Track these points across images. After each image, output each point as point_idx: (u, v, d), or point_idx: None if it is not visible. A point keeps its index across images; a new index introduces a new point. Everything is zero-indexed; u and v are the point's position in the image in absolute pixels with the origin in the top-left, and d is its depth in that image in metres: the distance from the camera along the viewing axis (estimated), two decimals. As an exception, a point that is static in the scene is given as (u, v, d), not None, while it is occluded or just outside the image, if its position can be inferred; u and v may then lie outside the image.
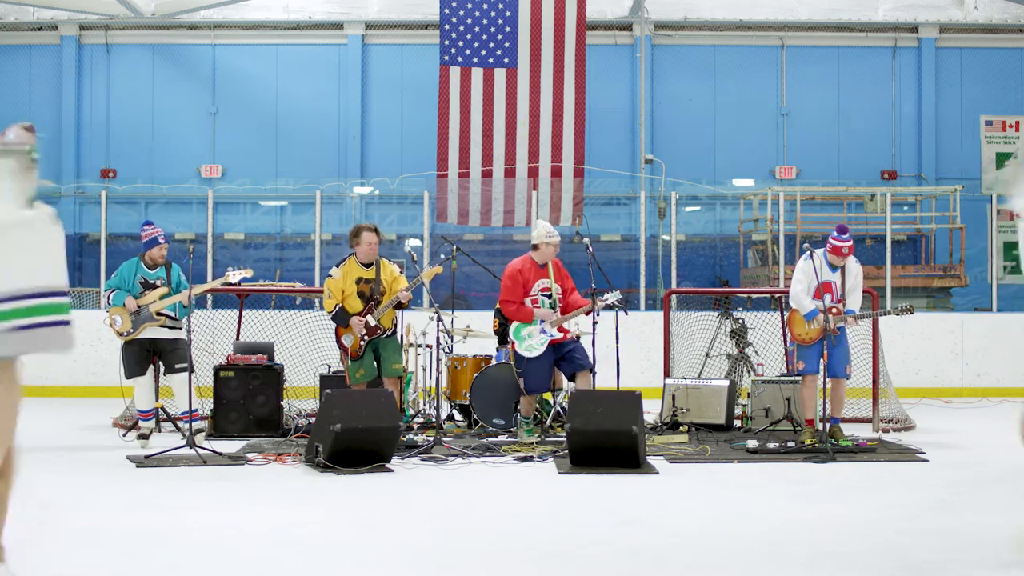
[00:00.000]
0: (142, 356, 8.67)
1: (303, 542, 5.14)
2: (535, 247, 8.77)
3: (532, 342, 8.59)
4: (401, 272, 8.92)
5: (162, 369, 8.81)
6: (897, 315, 8.80)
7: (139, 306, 8.62)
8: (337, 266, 8.69)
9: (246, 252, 17.46)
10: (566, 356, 8.66)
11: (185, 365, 8.57)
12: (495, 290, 10.15)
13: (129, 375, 8.72)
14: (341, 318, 8.56)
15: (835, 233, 8.57)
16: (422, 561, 4.80)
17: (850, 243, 8.53)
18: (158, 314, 8.61)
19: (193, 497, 6.35)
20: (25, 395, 3.92)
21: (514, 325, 8.65)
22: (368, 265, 8.64)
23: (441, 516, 5.81)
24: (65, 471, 7.36)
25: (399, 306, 8.68)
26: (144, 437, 8.59)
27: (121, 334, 8.65)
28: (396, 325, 8.88)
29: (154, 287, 8.68)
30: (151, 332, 8.64)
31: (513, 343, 8.65)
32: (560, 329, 8.64)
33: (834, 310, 8.46)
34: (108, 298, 8.72)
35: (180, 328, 8.76)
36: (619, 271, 15.91)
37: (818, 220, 16.49)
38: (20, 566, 4.68)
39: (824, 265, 8.52)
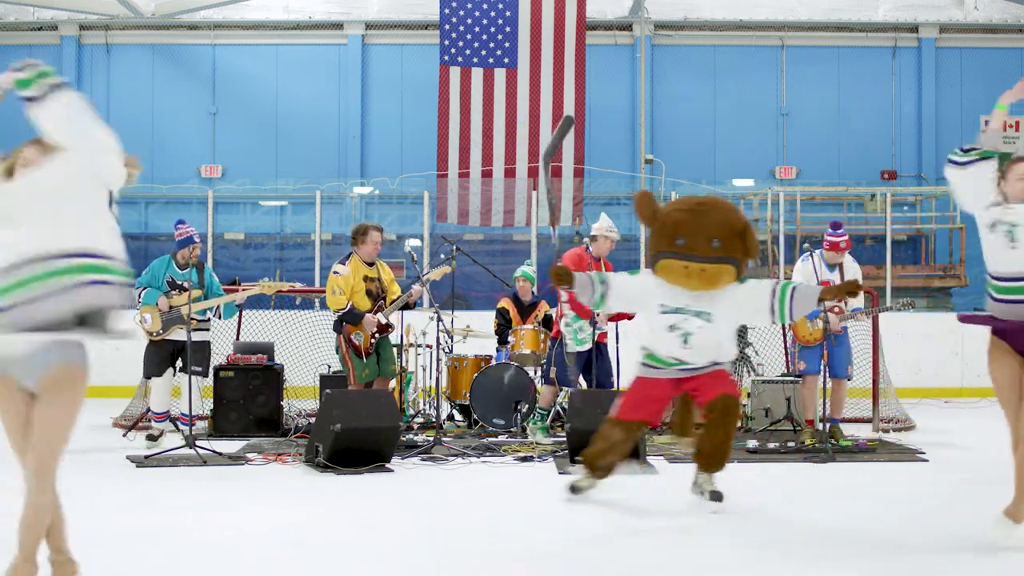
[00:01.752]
0: (163, 357, 8.62)
1: (303, 542, 5.14)
2: (593, 238, 8.81)
3: (584, 335, 8.58)
4: (400, 273, 8.94)
5: (178, 366, 8.75)
6: (899, 310, 8.80)
7: (171, 307, 8.61)
8: (342, 263, 8.66)
9: (246, 252, 17.47)
10: (591, 369, 8.65)
11: (201, 369, 8.55)
12: (495, 290, 10.16)
13: (147, 374, 8.73)
14: (353, 316, 8.51)
15: (829, 230, 8.58)
16: (422, 561, 4.80)
17: (846, 237, 8.53)
18: (189, 317, 8.57)
19: (193, 497, 6.35)
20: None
21: (570, 316, 8.52)
22: (370, 264, 8.67)
23: (441, 516, 5.81)
24: (65, 471, 7.33)
25: (406, 306, 8.71)
26: (153, 439, 8.56)
27: (151, 334, 8.62)
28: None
29: (182, 288, 8.62)
30: (179, 334, 8.57)
31: (567, 338, 8.57)
32: (600, 335, 8.63)
33: (836, 309, 8.46)
34: (139, 296, 8.65)
35: (207, 330, 8.74)
36: (619, 271, 15.90)
37: (818, 220, 16.50)
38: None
39: (822, 265, 8.53)
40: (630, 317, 8.74)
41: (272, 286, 8.87)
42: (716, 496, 5.93)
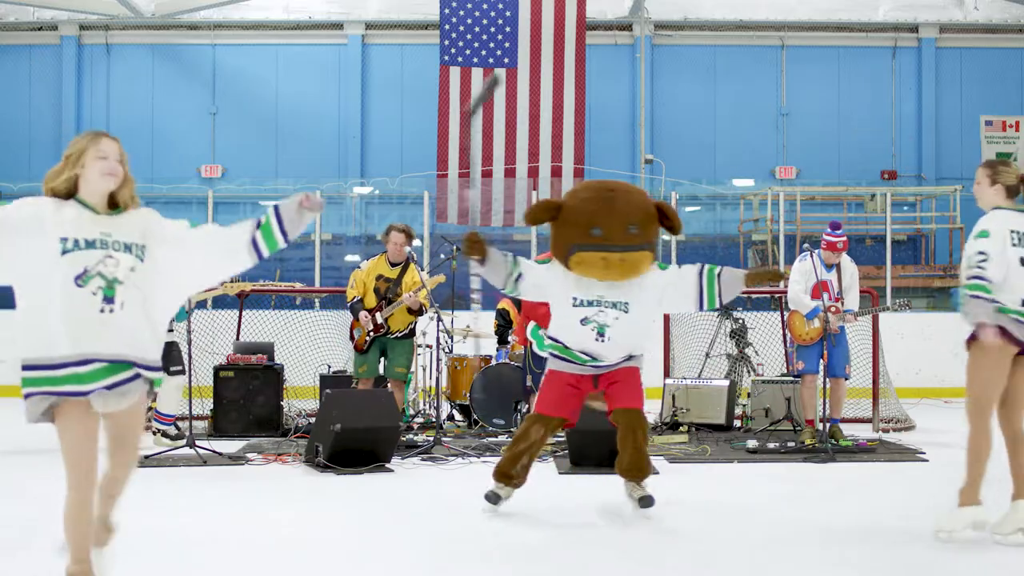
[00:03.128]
0: None
1: (303, 542, 5.14)
2: None
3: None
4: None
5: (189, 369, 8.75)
6: (895, 311, 8.79)
7: None
8: (367, 259, 9.12)
9: (246, 252, 17.44)
10: None
11: (178, 368, 8.52)
12: (495, 290, 10.11)
13: None
14: (355, 310, 8.85)
15: (828, 229, 8.59)
16: (422, 561, 4.80)
17: (844, 238, 8.54)
18: None
19: (193, 497, 6.35)
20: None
21: (531, 325, 8.58)
22: (395, 265, 8.87)
23: (441, 516, 5.81)
24: (63, 471, 7.35)
25: (420, 311, 8.81)
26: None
27: None
28: (411, 329, 8.97)
29: None
30: None
31: (531, 343, 8.60)
32: None
33: (833, 308, 8.46)
34: None
35: (174, 331, 8.71)
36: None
37: (818, 220, 16.51)
38: (18, 566, 4.68)
39: (820, 264, 8.53)
40: None
41: (234, 287, 8.96)
42: (646, 502, 5.69)
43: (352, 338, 8.95)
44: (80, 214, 3.76)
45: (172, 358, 8.48)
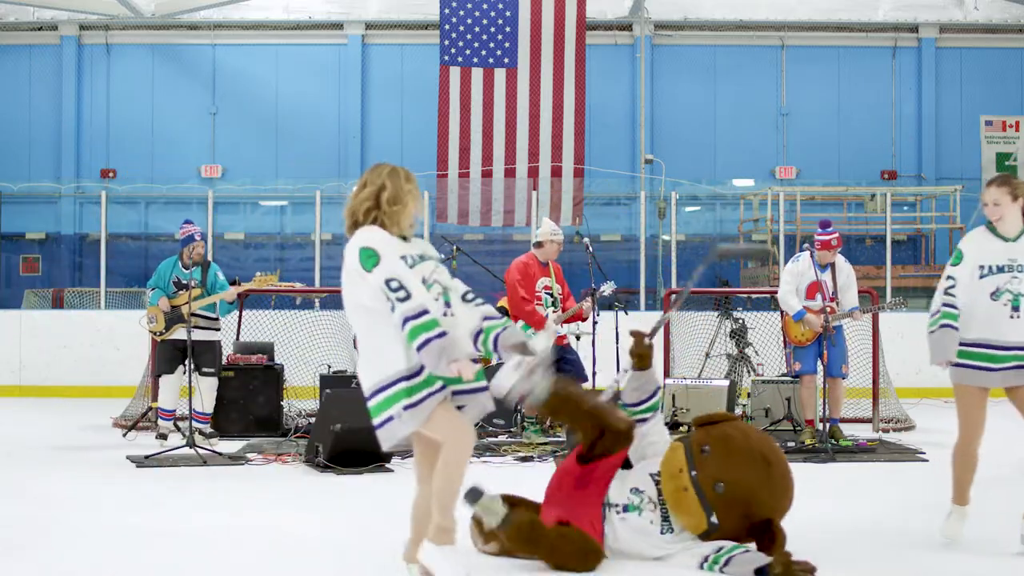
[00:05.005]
0: (172, 355, 8.67)
1: (303, 542, 5.14)
2: (539, 244, 8.79)
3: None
4: None
5: (189, 367, 8.79)
6: (891, 310, 8.79)
7: (172, 306, 8.68)
8: None
9: (246, 252, 17.47)
10: (561, 367, 8.68)
11: (213, 370, 8.63)
12: (495, 290, 10.13)
13: (157, 372, 8.84)
14: None
15: (819, 229, 8.59)
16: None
17: (835, 235, 8.52)
18: (191, 315, 8.50)
19: (193, 497, 6.35)
20: (26, 395, 3.91)
21: (519, 324, 8.63)
22: None
23: (441, 516, 5.80)
24: (65, 471, 7.37)
25: None
26: (163, 437, 8.57)
27: (155, 333, 8.73)
28: None
29: (187, 287, 8.64)
30: (185, 333, 8.36)
31: None
32: (559, 338, 8.63)
33: (828, 309, 8.44)
34: (147, 296, 8.92)
35: (217, 330, 8.79)
36: (619, 271, 15.89)
37: (818, 220, 16.49)
38: (20, 566, 4.68)
39: (815, 265, 8.52)
40: (583, 318, 8.71)
41: (265, 279, 8.92)
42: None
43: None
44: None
45: (209, 358, 8.55)
